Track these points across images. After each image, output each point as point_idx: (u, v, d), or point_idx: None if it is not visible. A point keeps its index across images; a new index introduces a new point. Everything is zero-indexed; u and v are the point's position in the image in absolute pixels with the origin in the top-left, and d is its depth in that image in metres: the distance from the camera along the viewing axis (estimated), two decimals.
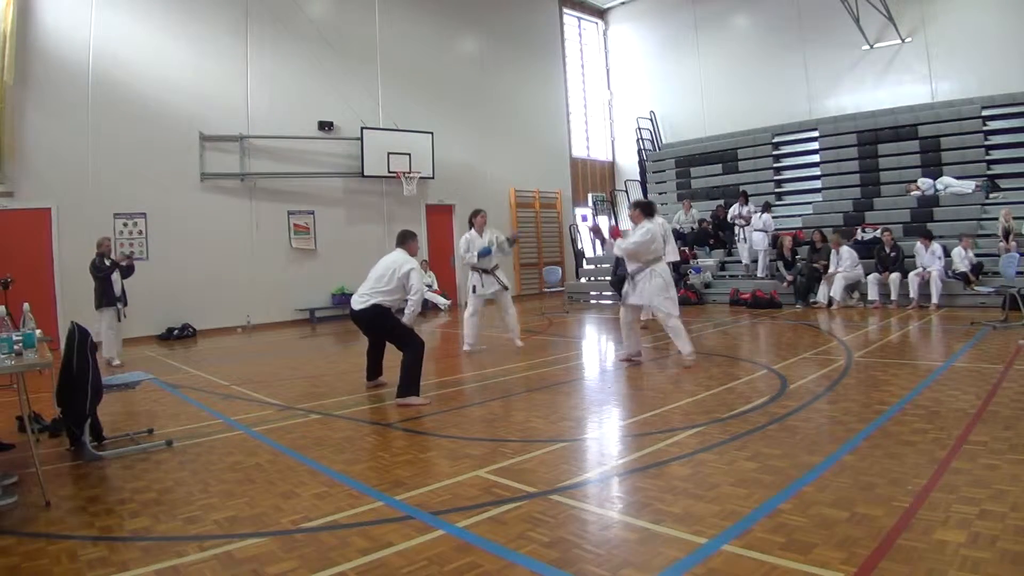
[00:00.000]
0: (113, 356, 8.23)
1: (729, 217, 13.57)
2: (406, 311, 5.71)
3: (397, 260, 5.83)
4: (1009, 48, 12.70)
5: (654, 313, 6.80)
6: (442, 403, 5.49)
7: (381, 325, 5.78)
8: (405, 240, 6.15)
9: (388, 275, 5.73)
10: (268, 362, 8.38)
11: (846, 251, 10.86)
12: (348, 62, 13.40)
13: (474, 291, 8.13)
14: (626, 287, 6.71)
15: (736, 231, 13.45)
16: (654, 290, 6.40)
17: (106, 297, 8.17)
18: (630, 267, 6.63)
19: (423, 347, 5.59)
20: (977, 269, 9.81)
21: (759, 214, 12.84)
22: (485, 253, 7.89)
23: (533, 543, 2.70)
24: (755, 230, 12.78)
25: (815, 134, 14.82)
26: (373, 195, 14.08)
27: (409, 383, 5.44)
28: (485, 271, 8.06)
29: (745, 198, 13.49)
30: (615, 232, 6.98)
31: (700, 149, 16.86)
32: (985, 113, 12.57)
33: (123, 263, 8.47)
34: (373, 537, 2.84)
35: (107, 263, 8.20)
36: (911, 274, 10.17)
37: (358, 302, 5.74)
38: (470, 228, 8.14)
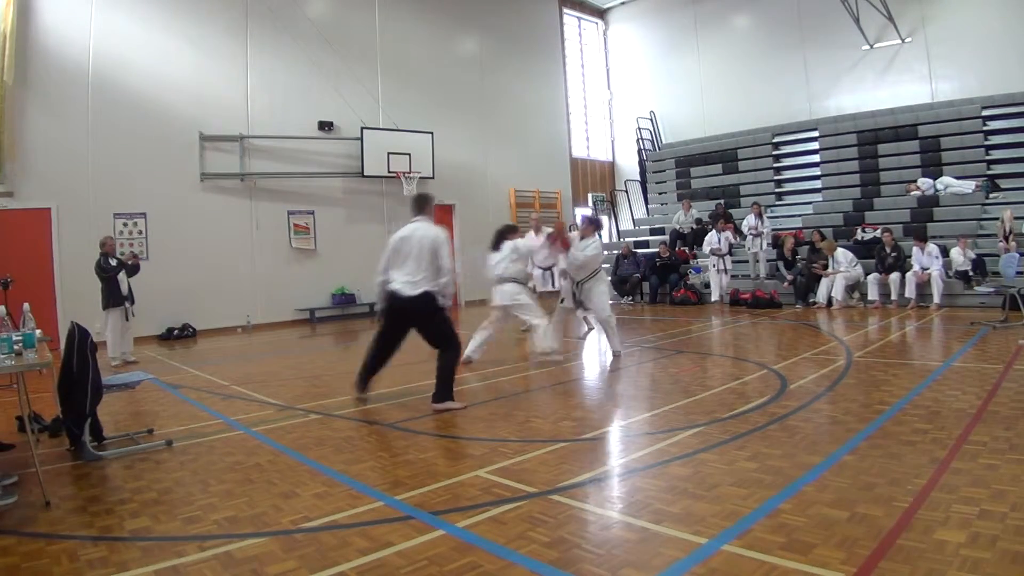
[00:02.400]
0: (117, 356, 8.24)
1: (707, 247, 12.51)
2: (441, 293, 5.18)
3: (429, 234, 5.14)
4: (1009, 48, 12.70)
5: (596, 313, 7.24)
6: None
7: (431, 316, 5.15)
8: (425, 205, 5.44)
9: (429, 254, 5.07)
10: (268, 362, 8.38)
11: (841, 253, 10.90)
12: (348, 62, 13.39)
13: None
14: (573, 291, 7.18)
15: (714, 260, 12.39)
16: (601, 294, 7.09)
17: (113, 297, 8.16)
18: (578, 275, 7.09)
19: (460, 347, 5.25)
20: (978, 266, 9.81)
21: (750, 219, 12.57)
22: None
23: (533, 543, 2.70)
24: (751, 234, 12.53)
25: (815, 134, 14.82)
26: (373, 195, 14.08)
27: (448, 387, 5.10)
28: None
29: (727, 220, 12.67)
30: (566, 243, 7.31)
31: (700, 149, 16.86)
32: (985, 113, 12.58)
33: (130, 262, 8.47)
34: (373, 537, 2.84)
35: (112, 263, 8.20)
36: (908, 274, 10.18)
37: (408, 288, 5.06)
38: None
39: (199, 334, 11.35)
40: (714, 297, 12.34)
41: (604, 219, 18.63)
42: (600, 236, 7.42)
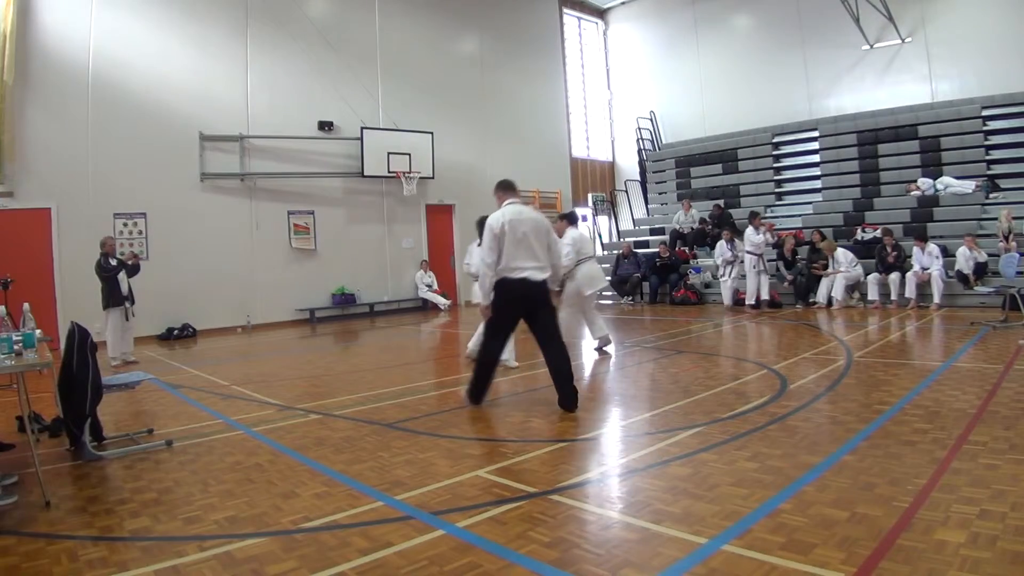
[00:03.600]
0: (117, 356, 8.24)
1: (748, 244, 11.40)
2: (558, 278, 5.21)
3: (539, 217, 5.03)
4: (1009, 48, 12.70)
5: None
6: (442, 403, 5.49)
7: (549, 302, 5.03)
8: (512, 188, 5.21)
9: (546, 238, 4.97)
10: (268, 362, 8.38)
11: (841, 253, 10.89)
12: (348, 62, 13.40)
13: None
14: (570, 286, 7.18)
15: (753, 260, 11.33)
16: (569, 292, 7.04)
17: (113, 297, 8.16)
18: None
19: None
20: (981, 269, 9.81)
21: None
22: None
23: (533, 543, 2.70)
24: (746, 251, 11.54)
25: (815, 134, 14.81)
26: (373, 195, 14.08)
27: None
28: None
29: (733, 230, 12.25)
30: None
31: (700, 149, 16.86)
32: (985, 113, 12.57)
33: (130, 262, 8.47)
34: (373, 537, 2.84)
35: (113, 263, 8.20)
36: (908, 274, 10.18)
37: (537, 273, 4.85)
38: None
39: (199, 334, 11.35)
40: (750, 301, 11.21)
41: (578, 211, 18.62)
42: (576, 228, 7.57)
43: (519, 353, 6.75)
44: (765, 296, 11.26)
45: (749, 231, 11.50)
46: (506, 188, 5.17)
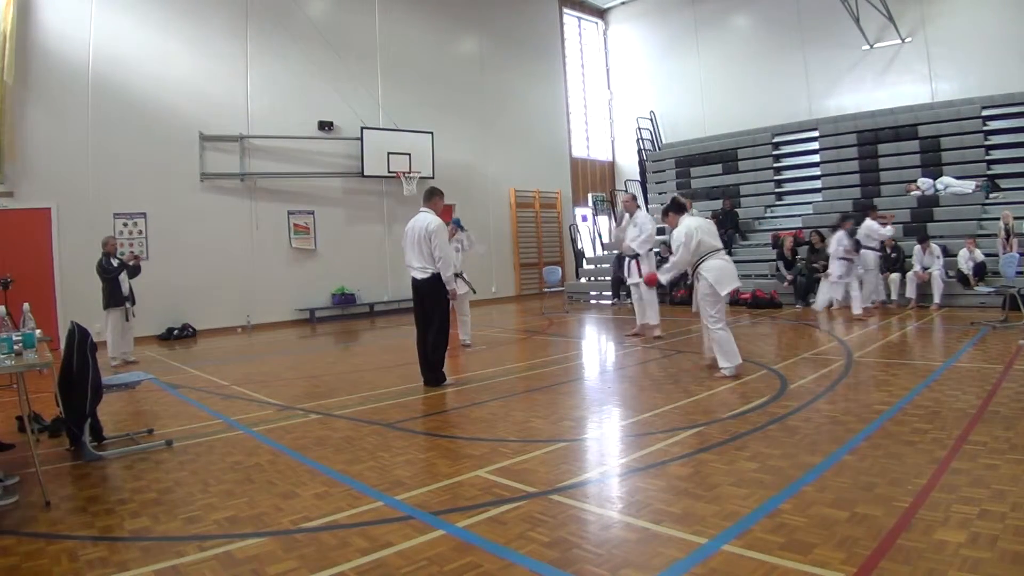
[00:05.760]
0: (117, 356, 8.24)
1: (870, 241, 9.97)
2: (443, 277, 5.85)
3: (420, 224, 5.89)
4: (1009, 48, 12.70)
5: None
6: (442, 403, 5.49)
7: (435, 297, 5.90)
8: (429, 198, 6.11)
9: (425, 243, 5.82)
10: (268, 362, 8.38)
11: None
12: (348, 62, 13.40)
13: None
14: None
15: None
16: (699, 294, 6.00)
17: (113, 297, 8.17)
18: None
19: (447, 335, 6.00)
20: (980, 269, 9.80)
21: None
22: None
23: (533, 543, 2.70)
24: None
25: (815, 134, 14.80)
26: (373, 195, 14.08)
27: (438, 365, 5.97)
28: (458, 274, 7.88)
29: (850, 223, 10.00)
30: (651, 278, 7.18)
31: (700, 149, 16.85)
32: (985, 113, 12.56)
33: (131, 263, 8.48)
34: (373, 537, 2.84)
35: (114, 263, 8.20)
36: (908, 274, 10.17)
37: (418, 272, 5.91)
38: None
39: (199, 334, 11.35)
40: (866, 303, 9.63)
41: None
42: (690, 216, 6.21)
43: (524, 354, 6.73)
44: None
45: (873, 225, 9.92)
46: (423, 198, 6.16)
